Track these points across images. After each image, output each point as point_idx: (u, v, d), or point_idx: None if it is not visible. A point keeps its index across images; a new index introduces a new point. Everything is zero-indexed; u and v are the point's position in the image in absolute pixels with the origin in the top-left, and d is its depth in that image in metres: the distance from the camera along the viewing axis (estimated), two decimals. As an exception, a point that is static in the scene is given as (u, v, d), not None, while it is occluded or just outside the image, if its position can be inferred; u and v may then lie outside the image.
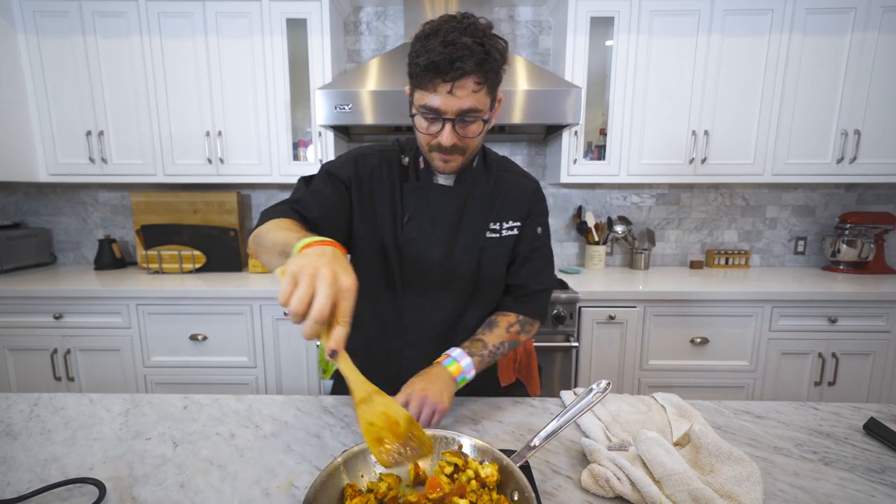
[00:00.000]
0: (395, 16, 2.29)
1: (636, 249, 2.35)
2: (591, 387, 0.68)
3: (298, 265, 0.50)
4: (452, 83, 0.72)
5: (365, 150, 0.93)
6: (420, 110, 0.78)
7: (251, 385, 1.95)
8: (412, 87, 0.80)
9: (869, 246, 2.22)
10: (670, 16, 1.95)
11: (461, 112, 0.75)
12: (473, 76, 0.73)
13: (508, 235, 0.95)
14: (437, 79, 0.73)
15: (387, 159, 0.92)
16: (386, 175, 0.91)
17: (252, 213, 2.47)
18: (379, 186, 0.91)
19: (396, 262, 0.92)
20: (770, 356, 1.90)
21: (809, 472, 0.67)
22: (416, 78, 0.75)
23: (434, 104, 0.75)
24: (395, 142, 0.96)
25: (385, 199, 0.91)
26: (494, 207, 0.94)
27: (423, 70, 0.73)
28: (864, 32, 1.94)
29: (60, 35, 2.00)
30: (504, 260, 0.96)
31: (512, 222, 0.95)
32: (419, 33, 0.76)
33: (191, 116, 2.05)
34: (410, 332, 0.95)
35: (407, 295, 0.93)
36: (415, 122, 0.81)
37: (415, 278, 0.92)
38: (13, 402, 0.88)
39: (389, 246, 0.91)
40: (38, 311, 1.89)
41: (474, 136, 0.80)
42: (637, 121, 2.03)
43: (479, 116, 0.77)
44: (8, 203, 2.46)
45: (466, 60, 0.71)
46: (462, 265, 0.92)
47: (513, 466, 0.57)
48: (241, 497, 0.61)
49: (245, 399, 0.90)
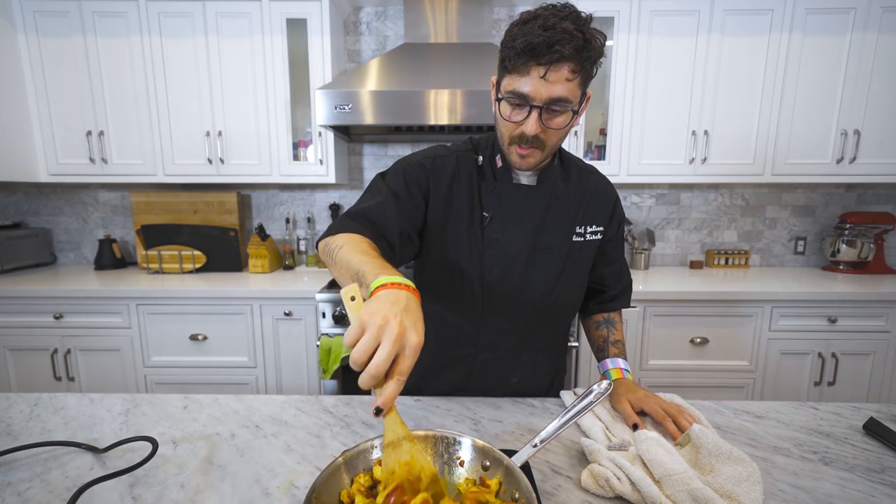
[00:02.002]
0: (395, 16, 2.29)
1: (636, 249, 2.35)
2: (592, 387, 0.68)
3: (369, 312, 0.49)
4: (547, 67, 0.69)
5: (441, 150, 0.90)
6: (506, 95, 0.74)
7: (251, 385, 1.95)
8: (501, 74, 0.76)
9: (869, 246, 2.22)
10: (670, 16, 1.95)
11: (551, 100, 0.71)
12: (570, 63, 0.69)
13: (592, 240, 0.93)
14: (532, 62, 0.69)
15: (464, 160, 0.89)
16: (465, 176, 0.87)
17: (252, 213, 2.47)
18: (458, 188, 0.87)
19: (477, 264, 0.88)
20: (770, 356, 1.90)
21: (809, 472, 0.67)
22: (509, 61, 0.71)
23: (524, 89, 0.71)
24: (469, 140, 0.93)
25: (464, 201, 0.87)
26: (581, 210, 0.91)
27: (518, 53, 0.69)
28: (864, 32, 1.94)
29: (60, 35, 2.00)
30: (587, 265, 0.95)
31: (596, 227, 0.92)
32: (516, 21, 0.72)
33: (191, 116, 2.05)
34: (485, 337, 0.92)
35: (488, 299, 0.89)
36: (499, 108, 0.77)
37: (496, 281, 0.88)
38: (13, 402, 0.88)
39: (470, 248, 0.87)
40: (38, 311, 1.89)
41: (559, 129, 0.75)
42: (637, 121, 2.03)
43: (568, 107, 0.73)
44: (8, 203, 2.46)
45: (566, 45, 0.67)
46: (545, 267, 0.89)
47: (513, 466, 0.57)
48: (241, 497, 0.61)
49: (245, 399, 0.90)
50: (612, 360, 0.92)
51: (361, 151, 2.44)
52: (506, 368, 0.94)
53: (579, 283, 0.95)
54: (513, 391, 0.95)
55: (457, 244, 0.87)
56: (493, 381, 0.94)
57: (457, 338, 0.93)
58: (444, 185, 0.86)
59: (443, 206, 0.86)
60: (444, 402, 0.89)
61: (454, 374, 0.95)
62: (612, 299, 1.01)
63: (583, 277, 0.95)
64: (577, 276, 0.94)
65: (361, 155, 2.44)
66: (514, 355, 0.93)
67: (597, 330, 1.00)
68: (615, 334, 0.97)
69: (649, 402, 0.78)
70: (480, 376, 0.93)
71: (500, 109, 0.77)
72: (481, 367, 0.93)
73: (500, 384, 0.95)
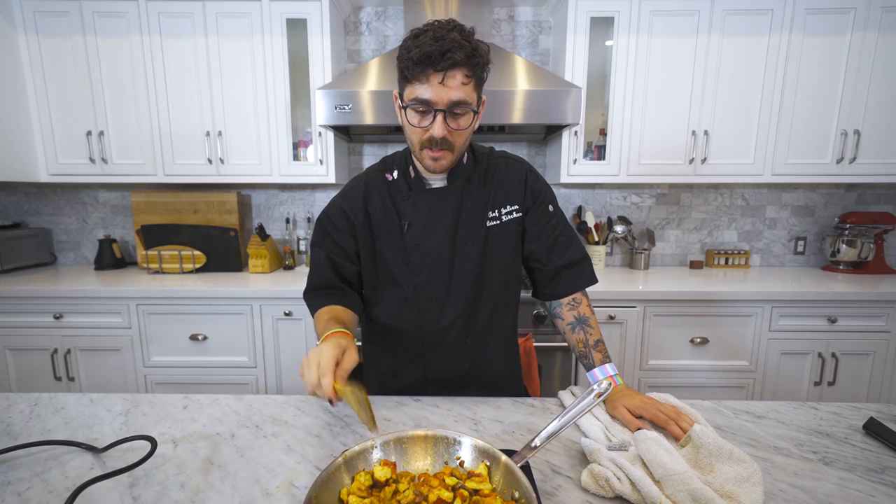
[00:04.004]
0: (395, 16, 2.29)
1: (636, 249, 2.36)
2: (592, 387, 0.68)
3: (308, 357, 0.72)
4: (444, 73, 0.76)
5: (353, 182, 0.99)
6: (411, 103, 0.80)
7: (251, 385, 1.95)
8: (402, 85, 0.83)
9: (869, 246, 2.22)
10: (670, 16, 1.95)
11: (452, 103, 0.78)
12: (463, 69, 0.77)
13: (510, 220, 0.97)
14: (430, 69, 0.76)
15: (373, 180, 0.97)
16: (376, 195, 0.96)
17: (252, 213, 2.47)
18: (373, 208, 0.95)
19: (406, 272, 0.95)
20: (770, 356, 1.90)
21: (809, 472, 0.67)
22: (408, 71, 0.78)
23: (425, 96, 0.78)
24: (382, 161, 1.01)
25: (382, 217, 0.95)
26: (490, 195, 0.96)
27: (415, 63, 0.76)
28: (864, 32, 1.94)
29: (60, 35, 2.00)
30: (510, 245, 0.98)
31: (510, 206, 0.97)
32: (408, 36, 0.80)
33: (191, 116, 2.05)
34: (431, 337, 0.98)
35: (422, 301, 0.96)
36: (406, 118, 0.83)
37: (426, 282, 0.95)
38: (13, 402, 0.88)
39: (396, 259, 0.95)
40: (38, 311, 1.89)
41: (464, 130, 0.83)
42: (637, 121, 2.03)
43: (469, 108, 0.81)
44: (8, 203, 2.46)
45: (456, 51, 0.75)
46: (468, 258, 0.95)
47: (513, 466, 0.57)
48: (241, 497, 0.61)
49: (245, 399, 0.90)
50: (600, 370, 0.91)
51: (361, 151, 2.44)
52: (455, 357, 1.00)
53: (504, 262, 0.98)
54: (468, 375, 1.01)
55: (386, 258, 0.96)
56: (447, 370, 1.00)
57: (405, 341, 1.00)
58: (360, 211, 0.95)
59: (365, 230, 0.95)
60: (444, 402, 0.90)
61: (411, 374, 1.01)
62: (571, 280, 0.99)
63: (507, 256, 0.99)
64: (500, 257, 0.98)
65: (361, 155, 2.44)
66: (458, 344, 0.99)
67: (573, 334, 0.97)
68: (592, 334, 0.95)
69: (649, 409, 0.78)
70: (435, 369, 1.00)
71: (408, 118, 0.83)
72: (434, 362, 1.00)
73: (455, 372, 1.01)
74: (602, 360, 0.92)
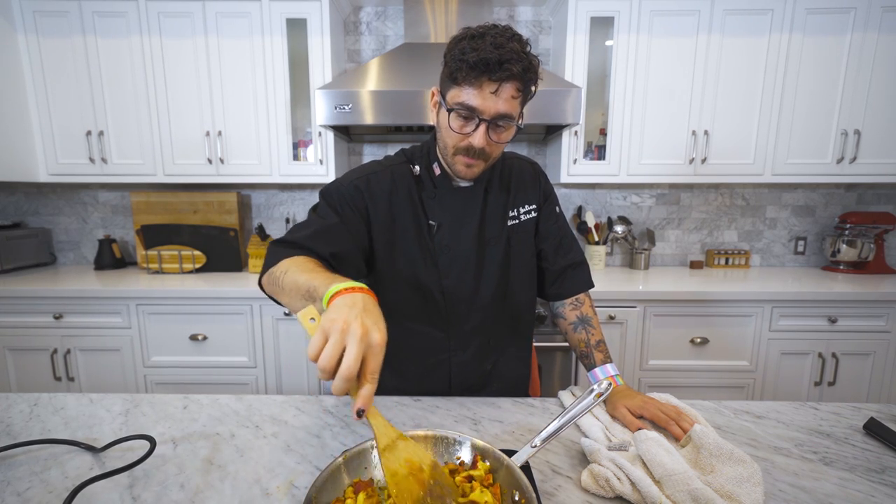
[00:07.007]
0: (395, 16, 2.29)
1: (636, 249, 2.35)
2: (592, 387, 0.68)
3: (330, 319, 0.49)
4: (499, 84, 0.73)
5: (375, 167, 0.92)
6: (455, 107, 0.76)
7: (251, 385, 1.95)
8: (447, 86, 0.78)
9: (869, 246, 2.22)
10: (670, 16, 1.95)
11: (498, 115, 0.76)
12: (517, 82, 0.75)
13: (528, 219, 0.98)
14: (484, 77, 0.73)
15: (399, 173, 0.91)
16: (403, 189, 0.90)
17: (252, 213, 2.47)
18: (398, 202, 0.90)
19: (434, 274, 0.92)
20: (770, 356, 1.90)
21: (809, 472, 0.67)
22: (461, 73, 0.74)
23: (474, 103, 0.75)
24: (402, 152, 0.96)
25: (407, 214, 0.90)
26: (510, 195, 0.96)
27: (470, 66, 0.72)
28: (864, 32, 1.94)
29: (60, 35, 1.99)
30: (529, 244, 0.99)
31: (528, 206, 0.98)
32: (463, 34, 0.75)
33: (191, 116, 2.05)
34: (457, 339, 0.96)
35: (450, 303, 0.93)
36: (447, 120, 0.79)
37: (455, 284, 0.93)
38: (13, 402, 0.88)
39: (423, 258, 0.91)
40: (38, 311, 1.89)
41: (503, 143, 0.81)
42: (637, 121, 2.03)
43: (512, 123, 0.78)
44: (8, 203, 2.46)
45: (515, 64, 0.72)
46: (493, 259, 0.94)
47: (513, 466, 0.57)
48: (241, 497, 0.61)
49: (245, 399, 0.90)
50: (601, 370, 0.91)
51: (361, 151, 2.44)
52: (479, 361, 0.98)
53: (524, 261, 0.99)
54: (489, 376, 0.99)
55: (410, 258, 0.91)
56: (470, 376, 0.98)
57: (429, 346, 0.96)
58: (383, 201, 0.89)
59: (386, 223, 0.89)
60: (444, 402, 0.89)
61: (434, 379, 0.97)
62: (574, 281, 1.01)
63: (527, 255, 0.99)
64: (521, 256, 0.98)
65: (361, 155, 2.44)
66: (483, 347, 0.98)
67: (575, 334, 0.98)
68: (594, 334, 0.96)
69: (649, 409, 0.78)
70: (458, 376, 0.97)
71: (451, 121, 0.79)
72: (458, 367, 0.97)
73: (477, 376, 0.98)
74: (603, 360, 0.92)
